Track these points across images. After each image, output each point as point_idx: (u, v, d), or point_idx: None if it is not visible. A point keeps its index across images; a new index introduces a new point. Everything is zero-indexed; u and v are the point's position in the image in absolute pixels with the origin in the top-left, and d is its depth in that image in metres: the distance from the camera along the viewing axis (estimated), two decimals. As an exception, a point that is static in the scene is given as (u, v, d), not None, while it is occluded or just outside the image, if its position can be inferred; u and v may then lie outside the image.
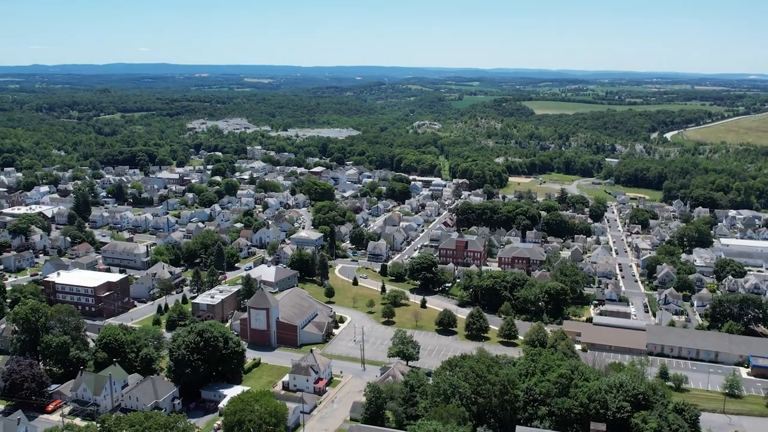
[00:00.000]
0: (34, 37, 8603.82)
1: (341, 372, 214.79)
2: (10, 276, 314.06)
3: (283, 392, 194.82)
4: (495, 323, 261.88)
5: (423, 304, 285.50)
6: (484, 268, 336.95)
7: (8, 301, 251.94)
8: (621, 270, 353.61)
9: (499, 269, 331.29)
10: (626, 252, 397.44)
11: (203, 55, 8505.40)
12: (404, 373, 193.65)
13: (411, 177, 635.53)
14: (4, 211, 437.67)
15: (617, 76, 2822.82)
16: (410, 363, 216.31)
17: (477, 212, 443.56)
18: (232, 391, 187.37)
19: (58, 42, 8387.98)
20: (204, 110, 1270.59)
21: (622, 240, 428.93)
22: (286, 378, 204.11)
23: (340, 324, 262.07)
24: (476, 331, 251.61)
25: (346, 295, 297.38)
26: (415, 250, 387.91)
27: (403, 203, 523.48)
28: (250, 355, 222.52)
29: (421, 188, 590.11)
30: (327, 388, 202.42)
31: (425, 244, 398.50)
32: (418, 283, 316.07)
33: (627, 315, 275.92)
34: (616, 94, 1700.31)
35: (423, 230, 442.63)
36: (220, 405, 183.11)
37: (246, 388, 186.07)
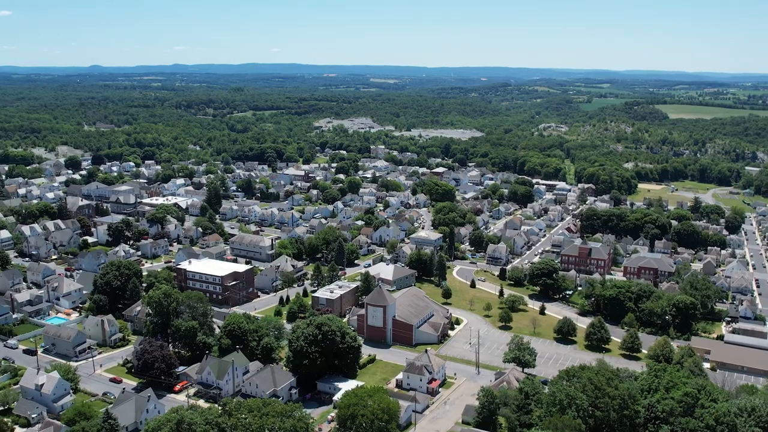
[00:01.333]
0: (176, 39, 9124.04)
1: (455, 374, 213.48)
2: (146, 262, 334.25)
3: (396, 390, 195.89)
4: (617, 335, 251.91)
5: (542, 311, 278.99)
6: (607, 277, 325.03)
7: (144, 285, 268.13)
8: (758, 286, 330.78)
9: (624, 279, 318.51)
10: (765, 267, 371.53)
11: (332, 55, 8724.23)
12: (519, 380, 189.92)
13: (534, 180, 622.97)
14: (144, 201, 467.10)
15: (761, 79, 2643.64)
16: (526, 370, 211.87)
17: (602, 219, 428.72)
18: (347, 385, 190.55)
19: (198, 43, 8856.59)
20: (330, 109, 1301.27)
21: (761, 254, 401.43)
22: (399, 376, 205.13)
23: (456, 326, 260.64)
24: (596, 342, 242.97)
25: (463, 297, 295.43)
26: (535, 255, 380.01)
27: (525, 207, 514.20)
28: (366, 351, 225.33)
29: (544, 192, 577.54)
30: (440, 389, 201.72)
31: (546, 249, 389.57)
32: (538, 289, 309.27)
33: (763, 335, 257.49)
34: (760, 98, 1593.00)
35: (545, 235, 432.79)
36: (335, 398, 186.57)
37: (360, 383, 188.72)
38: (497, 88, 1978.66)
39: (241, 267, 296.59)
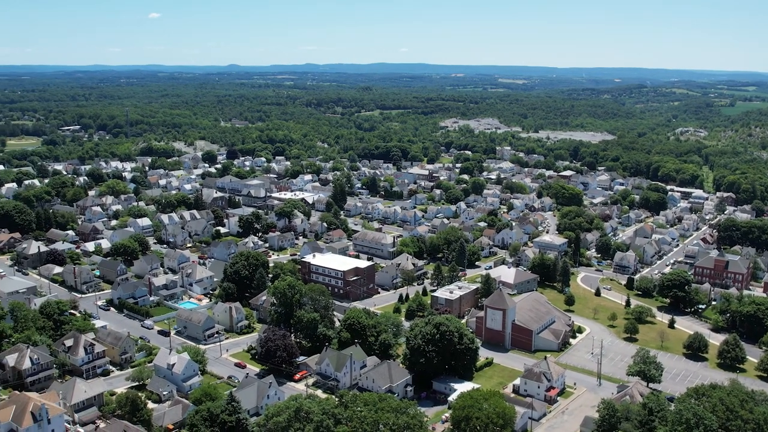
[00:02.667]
0: (309, 39, 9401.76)
1: (575, 383, 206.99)
2: (273, 254, 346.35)
3: (512, 395, 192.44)
4: (753, 354, 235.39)
5: (671, 324, 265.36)
6: (745, 292, 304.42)
7: (270, 276, 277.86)
8: None
9: (764, 296, 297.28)
10: None
11: (460, 55, 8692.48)
12: (643, 395, 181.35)
13: (668, 187, 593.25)
14: (273, 195, 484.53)
15: None
16: (651, 385, 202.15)
17: (742, 230, 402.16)
18: (463, 387, 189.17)
19: (329, 43, 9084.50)
20: (457, 109, 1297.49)
21: None
22: (517, 381, 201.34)
23: (577, 334, 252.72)
24: (730, 361, 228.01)
25: (586, 305, 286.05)
26: (667, 265, 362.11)
27: (658, 214, 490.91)
28: (483, 354, 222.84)
29: (678, 200, 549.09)
30: (558, 397, 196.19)
31: (679, 260, 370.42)
32: (668, 301, 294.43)
33: None
34: None
35: (677, 245, 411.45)
36: (450, 398, 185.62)
37: (476, 386, 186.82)
38: (631, 89, 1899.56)
39: (363, 263, 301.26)
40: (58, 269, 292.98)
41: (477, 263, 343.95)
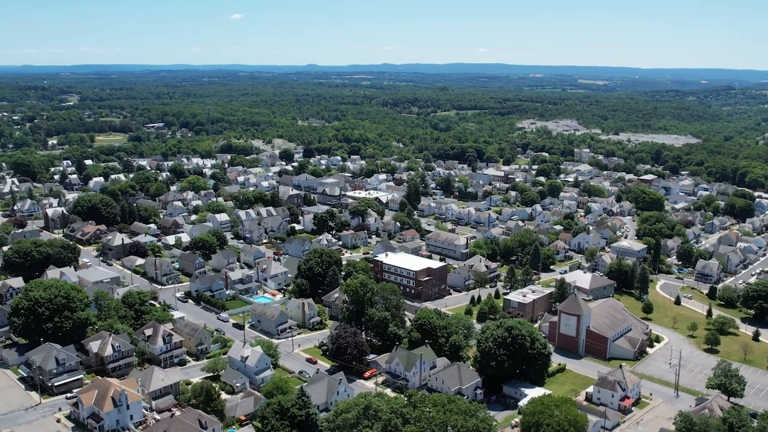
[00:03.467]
0: (386, 39, 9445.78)
1: (650, 394, 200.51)
2: (346, 251, 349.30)
3: (585, 403, 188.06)
4: None
5: (755, 337, 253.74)
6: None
7: (343, 273, 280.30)
8: None
9: None
10: None
11: (539, 56, 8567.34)
12: (723, 409, 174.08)
13: (756, 194, 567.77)
14: (348, 193, 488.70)
15: None
16: (732, 399, 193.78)
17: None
18: (534, 392, 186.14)
19: (406, 43, 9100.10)
20: (535, 110, 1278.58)
21: None
22: (590, 389, 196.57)
23: (655, 343, 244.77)
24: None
25: (665, 313, 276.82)
26: (752, 275, 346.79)
27: (744, 222, 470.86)
28: (556, 360, 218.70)
29: (767, 207, 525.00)
30: (633, 408, 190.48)
31: (766, 269, 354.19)
32: (752, 312, 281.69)
33: None
34: None
35: (765, 254, 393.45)
36: (520, 403, 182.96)
37: (548, 392, 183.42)
38: (718, 91, 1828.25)
39: (436, 263, 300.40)
40: (140, 261, 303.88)
41: (552, 267, 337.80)
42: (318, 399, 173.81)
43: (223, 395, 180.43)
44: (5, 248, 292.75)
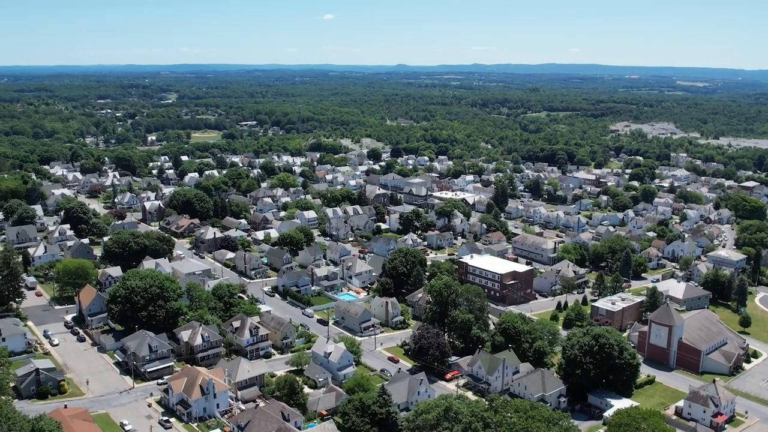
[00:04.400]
0: (477, 39, 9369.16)
1: (746, 412, 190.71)
2: (431, 252, 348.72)
3: (674, 417, 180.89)
4: None
5: None
6: None
7: (427, 274, 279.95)
8: None
9: None
10: None
11: (635, 56, 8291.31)
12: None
13: None
14: (434, 194, 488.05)
15: None
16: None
17: None
18: (620, 403, 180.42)
19: (497, 44, 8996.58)
20: (629, 113, 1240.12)
21: None
22: (680, 403, 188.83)
23: (752, 359, 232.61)
24: None
25: (765, 328, 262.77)
26: None
27: None
28: (644, 371, 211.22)
29: None
30: (726, 425, 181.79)
31: None
32: None
33: None
34: None
35: None
36: (606, 414, 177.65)
37: (635, 404, 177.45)
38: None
39: (522, 267, 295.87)
40: (230, 255, 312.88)
41: (643, 275, 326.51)
42: (399, 398, 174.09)
43: (306, 389, 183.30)
44: (106, 238, 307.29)
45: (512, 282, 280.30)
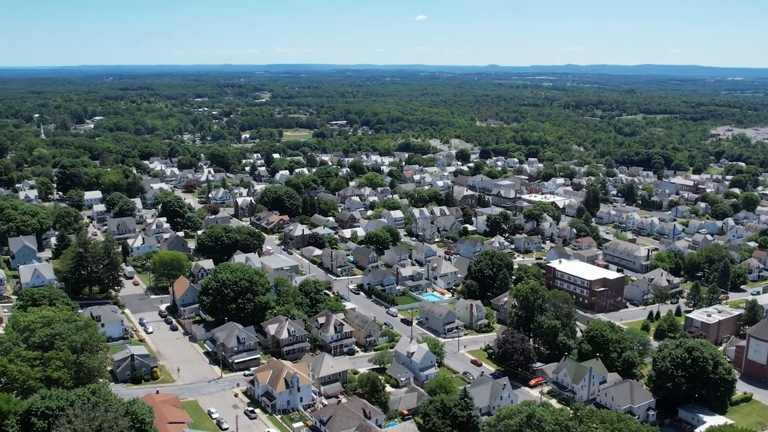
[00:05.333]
0: (570, 39, 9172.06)
1: None
2: (518, 255, 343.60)
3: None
4: None
5: None
6: None
7: (513, 277, 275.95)
8: None
9: None
10: None
11: (739, 57, 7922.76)
12: None
13: None
14: (523, 197, 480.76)
15: None
16: None
17: None
18: (713, 420, 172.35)
19: (592, 43, 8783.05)
20: (732, 116, 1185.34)
21: None
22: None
23: None
24: None
25: None
26: None
27: None
28: (741, 388, 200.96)
29: None
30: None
31: None
32: None
33: None
34: None
35: None
36: (697, 430, 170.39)
37: (730, 422, 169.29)
38: None
39: (612, 274, 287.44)
40: (317, 252, 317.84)
41: (742, 287, 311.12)
42: (480, 402, 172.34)
43: (388, 388, 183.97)
44: (199, 232, 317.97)
45: (602, 289, 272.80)
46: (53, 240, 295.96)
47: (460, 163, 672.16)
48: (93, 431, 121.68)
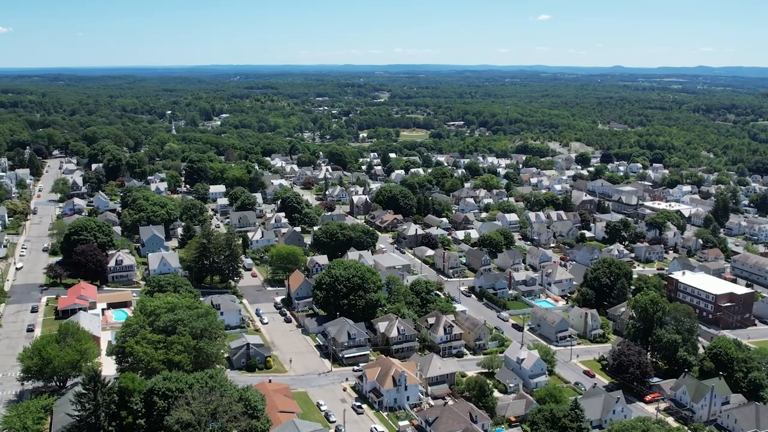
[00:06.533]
0: (702, 39, 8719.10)
1: None
2: (638, 265, 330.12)
3: None
4: None
5: None
6: None
7: (632, 288, 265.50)
8: None
9: None
10: None
11: None
12: None
13: None
14: (646, 203, 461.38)
15: None
16: None
17: None
18: None
19: (727, 44, 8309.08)
20: None
21: None
22: None
23: None
24: None
25: None
26: None
27: None
28: None
29: None
30: None
31: None
32: None
33: None
34: None
35: None
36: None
37: None
38: None
39: (740, 289, 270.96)
40: (429, 252, 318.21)
41: None
42: (592, 414, 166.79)
43: (496, 393, 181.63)
44: (315, 228, 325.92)
45: (728, 304, 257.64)
46: (179, 230, 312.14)
47: (579, 166, 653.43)
48: (209, 414, 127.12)
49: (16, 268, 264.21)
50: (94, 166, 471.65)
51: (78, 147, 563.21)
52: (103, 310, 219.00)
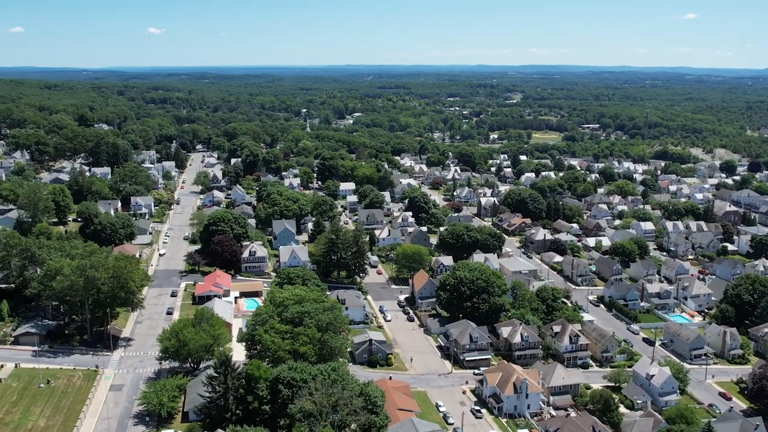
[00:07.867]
0: None
1: None
2: None
3: None
4: None
5: None
6: None
7: None
8: None
9: None
10: None
11: None
12: None
13: None
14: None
15: None
16: None
17: None
18: None
19: None
20: None
21: None
22: None
23: None
24: None
25: None
26: None
27: None
28: None
29: None
30: None
31: None
32: None
33: None
34: None
35: None
36: None
37: None
38: None
39: None
40: (558, 258, 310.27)
41: None
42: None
43: (622, 408, 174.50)
44: (442, 228, 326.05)
45: None
46: (310, 225, 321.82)
47: (724, 175, 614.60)
48: (330, 406, 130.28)
49: (160, 254, 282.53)
50: (233, 161, 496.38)
51: (219, 142, 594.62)
52: (235, 298, 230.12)
